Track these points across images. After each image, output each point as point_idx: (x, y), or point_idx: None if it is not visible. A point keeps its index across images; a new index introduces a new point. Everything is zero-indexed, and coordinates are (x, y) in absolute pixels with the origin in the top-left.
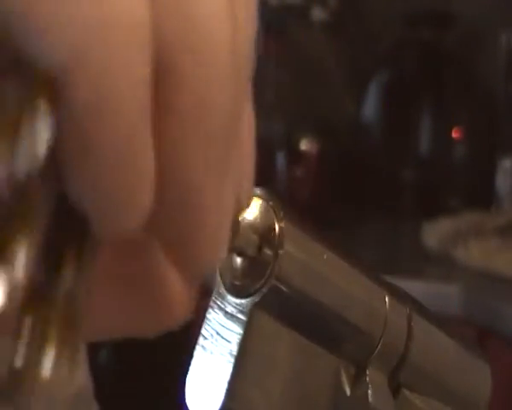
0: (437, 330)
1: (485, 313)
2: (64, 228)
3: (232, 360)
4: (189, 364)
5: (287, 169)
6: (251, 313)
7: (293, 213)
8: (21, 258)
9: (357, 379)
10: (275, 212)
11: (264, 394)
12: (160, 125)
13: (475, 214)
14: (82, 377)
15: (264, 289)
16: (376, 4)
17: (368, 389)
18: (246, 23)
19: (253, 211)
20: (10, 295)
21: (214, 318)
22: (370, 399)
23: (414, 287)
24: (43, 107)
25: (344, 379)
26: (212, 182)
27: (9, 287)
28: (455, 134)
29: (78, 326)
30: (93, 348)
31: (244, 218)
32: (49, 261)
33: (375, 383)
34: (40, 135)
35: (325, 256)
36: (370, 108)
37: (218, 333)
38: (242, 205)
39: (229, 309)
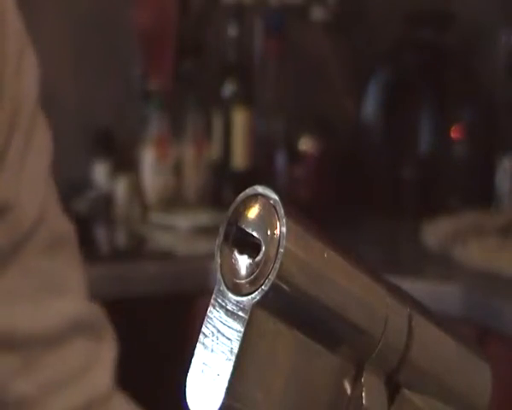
0: (438, 329)
1: (485, 313)
2: None
3: (233, 358)
4: (189, 361)
5: (287, 169)
6: (252, 311)
7: (295, 212)
8: None
9: (357, 379)
10: (276, 210)
11: (265, 392)
12: None
13: (475, 214)
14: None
15: (265, 288)
16: (376, 4)
17: (362, 390)
18: None
19: (255, 209)
20: None
21: (215, 316)
22: (364, 401)
23: (414, 287)
24: None
25: (346, 379)
26: None
27: None
28: (455, 134)
29: None
30: None
31: (245, 216)
32: None
33: (370, 384)
34: None
35: (326, 255)
36: (370, 108)
37: (218, 331)
38: None
39: (230, 307)
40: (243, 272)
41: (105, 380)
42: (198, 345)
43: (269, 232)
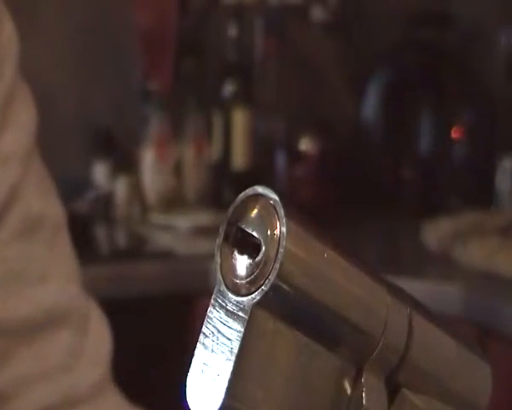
0: (438, 329)
1: (485, 313)
2: None
3: (233, 358)
4: (189, 362)
5: (287, 169)
6: (252, 312)
7: (295, 212)
8: None
9: (357, 379)
10: (276, 210)
11: (265, 392)
12: None
13: (475, 214)
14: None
15: (265, 288)
16: (376, 4)
17: (362, 390)
18: None
19: (255, 209)
20: None
21: (215, 316)
22: (364, 401)
23: (414, 287)
24: None
25: (346, 379)
26: None
27: None
28: (455, 134)
29: None
30: None
31: (245, 216)
32: None
33: (370, 384)
34: None
35: (326, 255)
36: (370, 108)
37: (218, 331)
38: None
39: (230, 307)
40: (243, 272)
41: (89, 377)
42: (198, 345)
43: (269, 232)
